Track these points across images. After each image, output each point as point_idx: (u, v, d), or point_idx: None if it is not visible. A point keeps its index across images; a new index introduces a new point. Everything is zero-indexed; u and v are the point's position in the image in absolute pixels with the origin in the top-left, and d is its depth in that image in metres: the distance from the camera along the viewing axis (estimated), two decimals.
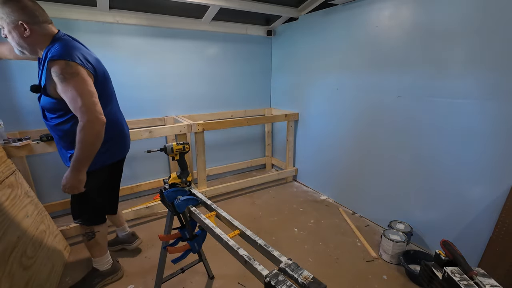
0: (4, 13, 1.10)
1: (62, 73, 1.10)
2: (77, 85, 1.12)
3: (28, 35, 1.15)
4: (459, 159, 1.66)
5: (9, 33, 1.15)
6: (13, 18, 1.11)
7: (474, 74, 1.54)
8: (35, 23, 1.15)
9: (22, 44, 1.18)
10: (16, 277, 1.30)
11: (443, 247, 1.01)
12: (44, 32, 1.19)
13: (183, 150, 1.31)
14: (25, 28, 1.13)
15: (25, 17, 1.12)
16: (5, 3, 1.09)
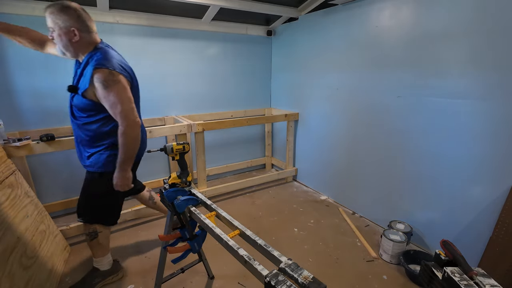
0: (60, 19, 1.22)
1: (105, 80, 1.22)
2: (118, 92, 1.24)
3: (76, 41, 1.27)
4: (459, 159, 1.66)
5: (59, 36, 1.25)
6: (67, 24, 1.23)
7: (474, 74, 1.54)
8: (84, 31, 1.28)
9: (68, 48, 1.28)
10: (16, 277, 1.30)
11: (443, 247, 1.01)
12: (89, 40, 1.31)
13: (183, 150, 1.31)
14: (75, 34, 1.25)
15: (78, 24, 1.25)
16: (63, 11, 1.22)
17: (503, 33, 1.41)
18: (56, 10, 1.22)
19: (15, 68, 2.04)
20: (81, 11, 1.27)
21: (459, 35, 1.57)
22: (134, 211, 2.17)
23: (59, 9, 1.22)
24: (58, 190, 2.36)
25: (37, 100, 2.16)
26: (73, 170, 2.39)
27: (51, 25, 1.24)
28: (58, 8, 1.22)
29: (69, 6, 1.24)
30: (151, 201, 1.88)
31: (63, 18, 1.22)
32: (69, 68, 2.22)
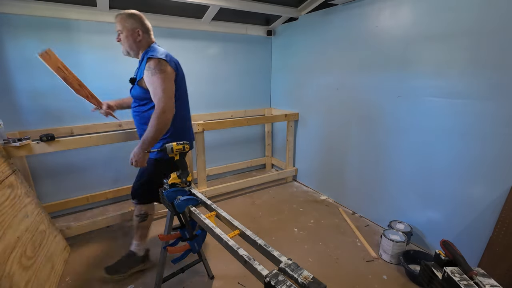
0: (128, 22, 1.50)
1: (154, 68, 1.41)
2: (162, 79, 1.41)
3: (140, 40, 1.53)
4: (459, 159, 1.66)
5: (126, 37, 1.51)
6: (134, 26, 1.51)
7: (474, 74, 1.54)
8: (145, 32, 1.55)
9: (132, 47, 1.55)
10: (16, 277, 1.30)
11: (443, 247, 1.01)
12: (148, 40, 1.57)
13: (183, 150, 1.31)
14: (139, 35, 1.52)
15: (142, 27, 1.53)
16: (131, 16, 1.51)
17: (503, 33, 1.41)
18: (125, 15, 1.50)
19: (15, 68, 2.04)
20: (143, 17, 1.55)
21: (459, 35, 1.58)
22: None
23: (127, 15, 1.51)
24: (58, 190, 2.36)
25: (37, 100, 2.16)
26: (73, 170, 2.40)
27: (120, 28, 1.51)
28: (127, 14, 1.51)
29: (134, 13, 1.53)
30: None
31: (130, 22, 1.50)
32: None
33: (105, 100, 1.88)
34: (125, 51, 1.59)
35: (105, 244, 1.99)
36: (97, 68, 2.33)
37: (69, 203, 2.39)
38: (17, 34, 2.01)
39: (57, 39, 2.14)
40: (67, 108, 2.28)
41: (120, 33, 1.53)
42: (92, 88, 2.34)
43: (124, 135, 2.02)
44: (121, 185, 2.64)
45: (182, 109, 1.64)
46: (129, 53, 1.59)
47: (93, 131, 2.37)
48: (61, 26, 2.14)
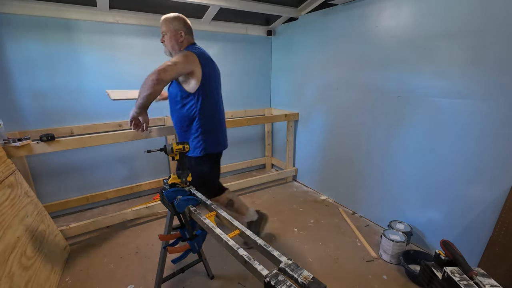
0: (172, 24, 1.61)
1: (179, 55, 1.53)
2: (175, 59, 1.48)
3: (181, 41, 1.64)
4: (459, 159, 1.66)
5: (170, 38, 1.62)
6: (177, 28, 1.61)
7: (474, 74, 1.54)
8: (187, 33, 1.65)
9: (174, 47, 1.64)
10: (16, 277, 1.30)
11: (443, 247, 1.01)
12: (188, 40, 1.67)
13: (183, 150, 1.31)
14: (181, 36, 1.63)
15: (184, 28, 1.64)
16: (175, 18, 1.62)
17: (503, 33, 1.41)
18: (170, 18, 1.62)
19: (15, 68, 2.04)
20: (186, 19, 1.66)
21: (459, 35, 1.57)
22: (134, 211, 2.17)
23: (172, 17, 1.62)
24: (58, 190, 2.36)
25: (37, 100, 2.16)
26: (73, 170, 2.40)
27: (165, 29, 1.61)
28: (172, 16, 1.62)
29: (179, 16, 1.65)
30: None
31: (174, 23, 1.61)
32: (69, 68, 2.22)
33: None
34: (168, 52, 1.69)
35: (105, 244, 2.00)
36: (97, 68, 2.33)
37: (69, 203, 2.39)
38: (17, 34, 2.01)
39: (57, 39, 2.14)
40: (67, 108, 2.28)
41: (164, 35, 1.64)
42: (92, 88, 2.35)
43: (124, 135, 2.02)
44: (121, 185, 2.64)
45: (212, 108, 1.67)
46: (171, 53, 1.67)
47: (93, 131, 2.38)
48: (61, 26, 2.14)
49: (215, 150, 1.71)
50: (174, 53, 1.65)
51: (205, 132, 1.65)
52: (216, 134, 1.71)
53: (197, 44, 1.71)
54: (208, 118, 1.65)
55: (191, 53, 1.53)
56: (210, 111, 1.66)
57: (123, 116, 2.54)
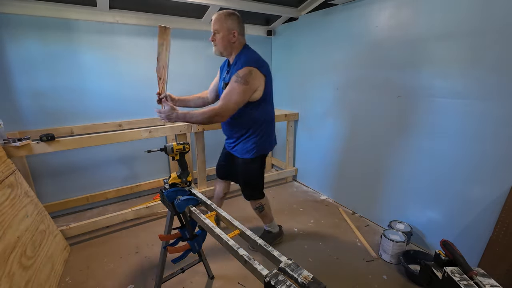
0: (226, 22, 1.49)
1: (242, 77, 1.44)
2: (240, 91, 1.45)
3: (234, 42, 1.54)
4: (459, 159, 1.66)
5: (222, 38, 1.51)
6: (231, 27, 1.50)
7: (474, 74, 1.54)
8: (240, 34, 1.54)
9: (226, 47, 1.55)
10: (16, 277, 1.30)
11: (443, 247, 1.01)
12: (241, 42, 1.58)
13: (183, 150, 1.31)
14: (234, 36, 1.52)
15: (239, 28, 1.52)
16: (230, 15, 1.50)
17: (503, 33, 1.41)
18: (224, 15, 1.49)
19: (15, 68, 2.04)
20: (240, 18, 1.54)
21: (459, 35, 1.58)
22: (134, 211, 2.17)
23: (226, 14, 1.50)
24: (58, 190, 2.36)
25: (37, 100, 2.16)
26: (73, 170, 2.40)
27: (217, 27, 1.50)
28: (226, 14, 1.50)
29: (234, 13, 1.52)
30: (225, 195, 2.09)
31: (229, 22, 1.49)
32: (69, 68, 2.22)
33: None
34: (218, 51, 1.59)
35: (105, 244, 2.00)
36: (97, 68, 2.33)
37: (69, 203, 2.39)
38: (17, 34, 2.01)
39: (57, 39, 2.14)
40: (67, 108, 2.28)
41: (216, 33, 1.53)
42: (92, 88, 2.35)
43: (124, 135, 2.02)
44: (121, 185, 2.64)
45: (268, 111, 1.68)
46: (222, 53, 1.59)
47: (93, 131, 2.37)
48: (61, 26, 2.14)
49: (266, 151, 1.73)
50: (226, 53, 1.58)
51: (260, 135, 1.66)
52: (269, 135, 1.73)
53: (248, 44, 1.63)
54: (264, 122, 1.66)
55: (255, 71, 1.46)
56: (266, 115, 1.67)
57: (123, 116, 2.54)
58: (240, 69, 1.46)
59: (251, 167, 1.72)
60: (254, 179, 1.76)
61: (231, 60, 1.62)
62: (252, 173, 1.74)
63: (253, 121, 1.61)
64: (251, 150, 1.66)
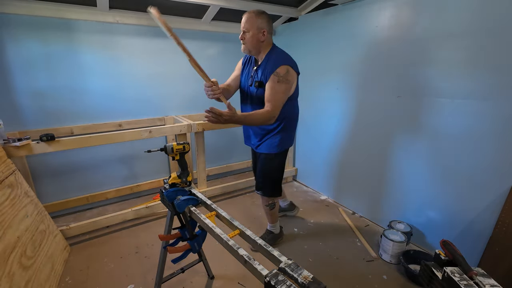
0: (257, 21, 1.52)
1: (283, 76, 1.50)
2: (285, 89, 1.52)
3: (263, 40, 1.56)
4: (459, 159, 1.66)
5: (252, 36, 1.53)
6: (261, 26, 1.53)
7: (474, 74, 1.54)
8: (270, 33, 1.57)
9: (255, 46, 1.57)
10: (16, 277, 1.30)
11: (443, 247, 1.01)
12: (270, 41, 1.61)
13: (183, 150, 1.31)
14: (264, 35, 1.54)
15: (268, 27, 1.55)
16: (261, 14, 1.53)
17: (503, 33, 1.41)
18: (255, 14, 1.52)
19: (15, 68, 2.04)
20: (270, 17, 1.56)
21: (459, 35, 1.57)
22: (134, 211, 2.17)
23: (257, 13, 1.53)
24: (58, 190, 2.36)
25: (37, 100, 2.16)
26: (73, 170, 2.40)
27: (248, 26, 1.53)
28: (256, 12, 1.53)
29: (264, 12, 1.55)
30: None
31: (259, 21, 1.52)
32: (69, 68, 2.22)
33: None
34: (247, 50, 1.61)
35: (105, 244, 2.00)
36: (97, 68, 2.33)
37: (69, 203, 2.39)
38: (18, 34, 2.01)
39: (57, 39, 2.14)
40: (67, 108, 2.28)
41: (245, 32, 1.55)
42: (92, 88, 2.35)
43: (124, 135, 2.02)
44: (121, 185, 2.64)
45: (294, 107, 1.74)
46: (250, 51, 1.61)
47: (93, 131, 2.38)
48: (61, 26, 2.14)
49: (288, 146, 1.78)
50: (255, 52, 1.60)
51: (285, 130, 1.71)
52: (292, 131, 1.78)
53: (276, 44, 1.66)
54: (292, 118, 1.73)
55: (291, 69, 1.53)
56: (294, 111, 1.74)
57: (123, 116, 2.54)
58: (278, 68, 1.50)
59: (274, 162, 1.77)
60: (276, 173, 1.81)
61: (259, 59, 1.64)
62: (274, 168, 1.79)
63: (283, 117, 1.65)
64: (278, 145, 1.71)
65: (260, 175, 1.84)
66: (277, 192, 1.85)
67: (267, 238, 1.98)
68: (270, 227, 2.00)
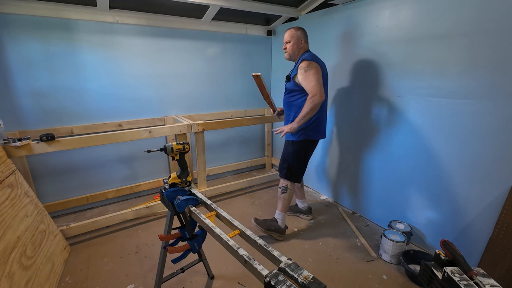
0: (296, 34, 1.87)
1: (306, 66, 1.77)
2: (313, 73, 1.75)
3: (301, 47, 1.90)
4: (459, 159, 1.66)
5: (292, 45, 1.88)
6: (300, 36, 1.88)
7: (474, 74, 1.54)
8: (306, 42, 1.93)
9: (295, 52, 1.90)
10: (16, 277, 1.30)
11: (443, 247, 1.01)
12: (305, 47, 1.93)
13: (183, 150, 1.31)
14: (301, 43, 1.89)
15: (305, 38, 1.91)
16: (299, 29, 1.89)
17: (503, 33, 1.41)
18: (294, 28, 1.89)
19: (15, 68, 2.04)
20: (305, 30, 1.92)
21: (459, 35, 1.57)
22: (134, 211, 2.17)
23: (296, 28, 1.90)
24: (58, 190, 2.36)
25: (37, 100, 2.16)
26: (73, 170, 2.40)
27: (289, 39, 1.88)
28: (296, 27, 1.90)
29: (300, 27, 1.92)
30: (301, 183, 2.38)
31: (298, 33, 1.88)
32: (69, 68, 2.22)
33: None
34: (289, 56, 1.93)
35: (105, 244, 2.00)
36: (97, 68, 2.33)
37: (69, 203, 2.39)
38: (17, 34, 2.01)
39: (57, 39, 2.14)
40: (67, 108, 2.28)
41: (287, 43, 1.90)
42: (92, 87, 2.35)
43: (124, 135, 2.02)
44: (121, 185, 2.64)
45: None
46: (291, 57, 1.93)
47: (93, 131, 2.38)
48: (61, 26, 2.14)
49: (314, 137, 1.95)
50: (294, 57, 1.91)
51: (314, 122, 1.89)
52: (317, 123, 1.92)
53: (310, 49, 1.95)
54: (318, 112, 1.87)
55: (315, 64, 1.77)
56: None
57: (123, 116, 2.54)
58: (301, 63, 1.79)
59: (291, 148, 1.98)
60: (291, 160, 2.00)
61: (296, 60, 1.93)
62: (290, 153, 1.99)
63: (299, 107, 1.86)
64: (300, 133, 1.90)
65: (281, 157, 2.10)
66: (291, 177, 2.02)
67: (268, 222, 2.06)
68: (276, 215, 2.07)
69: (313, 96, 1.73)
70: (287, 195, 2.03)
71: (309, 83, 1.75)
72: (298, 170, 2.03)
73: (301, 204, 2.37)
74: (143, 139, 2.15)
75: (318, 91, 1.73)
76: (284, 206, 2.05)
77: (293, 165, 2.00)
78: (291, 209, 2.41)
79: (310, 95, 1.75)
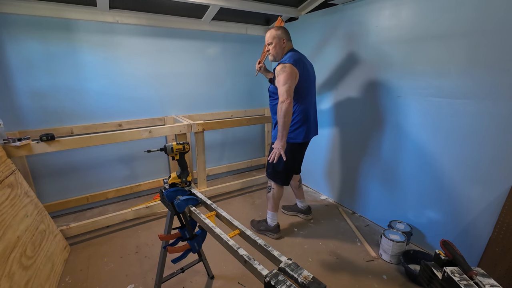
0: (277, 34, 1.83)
1: (279, 70, 1.73)
2: (283, 77, 1.70)
3: (283, 47, 1.86)
4: (459, 159, 1.66)
5: (274, 45, 1.84)
6: (281, 36, 1.84)
7: (474, 74, 1.54)
8: (288, 40, 1.88)
9: (278, 52, 1.86)
10: (16, 277, 1.30)
11: (443, 247, 1.01)
12: (288, 45, 1.89)
13: (183, 150, 1.31)
14: (284, 42, 1.85)
15: (286, 36, 1.86)
16: (279, 29, 1.85)
17: (502, 33, 1.41)
18: (274, 29, 1.85)
19: (15, 68, 2.04)
20: (286, 29, 1.88)
21: (459, 35, 1.57)
22: (134, 211, 2.17)
23: (276, 28, 1.86)
24: (58, 190, 2.36)
25: (37, 100, 2.16)
26: (73, 170, 2.40)
27: (271, 40, 1.84)
28: (276, 28, 1.86)
29: (282, 26, 1.90)
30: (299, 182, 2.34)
31: (279, 33, 1.83)
32: (69, 68, 2.22)
33: None
34: (273, 57, 1.89)
35: (105, 244, 2.00)
36: (97, 68, 2.33)
37: (69, 203, 2.39)
38: (17, 34, 2.01)
39: (57, 39, 2.14)
40: (67, 108, 2.28)
41: (269, 44, 1.86)
42: (92, 87, 2.35)
43: (124, 135, 2.02)
44: (121, 185, 2.64)
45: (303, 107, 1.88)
46: (275, 58, 1.89)
47: (93, 131, 2.38)
48: (61, 26, 2.14)
49: (298, 140, 1.90)
50: (278, 58, 1.87)
51: (301, 121, 1.87)
52: (302, 126, 1.89)
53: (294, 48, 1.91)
54: (297, 112, 1.86)
55: (289, 66, 1.71)
56: (298, 106, 1.86)
57: (123, 116, 2.54)
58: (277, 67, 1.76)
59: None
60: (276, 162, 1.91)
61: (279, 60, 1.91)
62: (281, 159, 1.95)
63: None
64: (275, 136, 1.88)
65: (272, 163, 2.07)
66: (275, 178, 2.01)
67: (260, 223, 2.12)
68: (267, 214, 2.10)
69: (282, 102, 1.68)
70: (271, 194, 2.05)
71: (279, 87, 1.71)
72: (282, 172, 1.98)
73: (300, 203, 2.37)
74: (143, 139, 2.15)
75: (285, 96, 1.67)
76: (271, 205, 2.07)
77: (278, 167, 1.95)
78: (291, 209, 2.41)
79: (279, 100, 1.71)
